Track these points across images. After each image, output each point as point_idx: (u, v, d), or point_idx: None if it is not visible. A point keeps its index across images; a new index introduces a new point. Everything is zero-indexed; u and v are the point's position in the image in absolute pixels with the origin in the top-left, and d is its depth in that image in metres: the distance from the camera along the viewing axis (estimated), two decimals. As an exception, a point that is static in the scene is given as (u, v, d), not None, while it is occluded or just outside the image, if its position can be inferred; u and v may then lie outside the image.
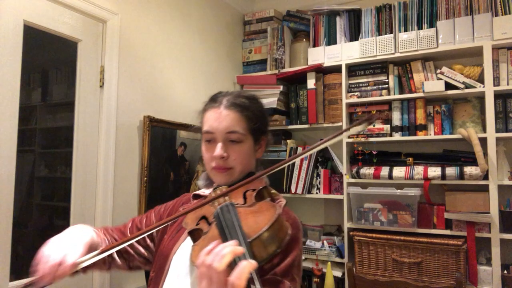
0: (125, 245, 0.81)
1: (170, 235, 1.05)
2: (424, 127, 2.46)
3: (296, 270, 0.92)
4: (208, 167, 1.04)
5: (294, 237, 0.92)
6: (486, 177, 2.25)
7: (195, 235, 0.86)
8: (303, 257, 2.61)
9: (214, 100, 1.05)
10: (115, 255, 1.07)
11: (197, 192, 1.13)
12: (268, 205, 0.83)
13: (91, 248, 0.92)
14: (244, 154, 1.01)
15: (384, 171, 2.48)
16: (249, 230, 0.73)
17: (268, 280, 0.86)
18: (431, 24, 2.49)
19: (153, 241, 1.11)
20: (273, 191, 0.97)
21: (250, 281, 0.63)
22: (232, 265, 0.65)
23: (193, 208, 0.84)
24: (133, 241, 0.83)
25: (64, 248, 0.87)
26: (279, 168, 0.86)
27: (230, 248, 0.67)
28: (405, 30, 2.54)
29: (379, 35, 2.62)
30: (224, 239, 0.73)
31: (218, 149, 0.98)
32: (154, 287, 0.99)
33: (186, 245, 0.98)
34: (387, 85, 2.57)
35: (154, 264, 1.05)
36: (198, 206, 0.85)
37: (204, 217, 0.88)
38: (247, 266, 0.64)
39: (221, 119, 1.00)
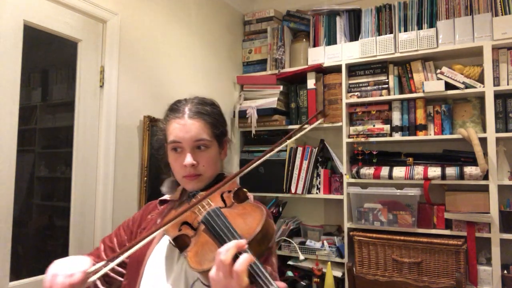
0: (126, 254, 0.86)
1: None
2: (424, 127, 2.46)
3: (274, 255, 1.00)
4: (178, 176, 1.06)
5: None
6: (486, 177, 2.25)
7: (179, 241, 0.89)
8: (303, 257, 2.62)
9: (176, 110, 1.07)
10: (98, 282, 1.07)
11: (163, 198, 1.15)
12: (253, 206, 0.88)
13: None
14: (212, 159, 1.05)
15: (384, 171, 2.48)
16: (242, 232, 0.78)
17: None
18: (431, 24, 2.49)
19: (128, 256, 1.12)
20: (244, 189, 1.02)
21: (253, 271, 0.70)
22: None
23: (176, 216, 0.87)
24: (124, 256, 0.86)
25: (72, 263, 0.90)
26: (248, 170, 0.93)
27: (234, 242, 0.73)
28: (405, 30, 2.54)
29: (379, 35, 2.62)
30: (222, 241, 0.77)
31: (188, 158, 1.01)
32: None
33: (160, 247, 1.00)
34: (387, 85, 2.57)
35: (126, 272, 1.05)
36: (181, 213, 0.87)
37: (186, 223, 0.91)
38: (247, 256, 0.70)
39: (187, 129, 1.02)
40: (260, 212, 0.83)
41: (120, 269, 1.10)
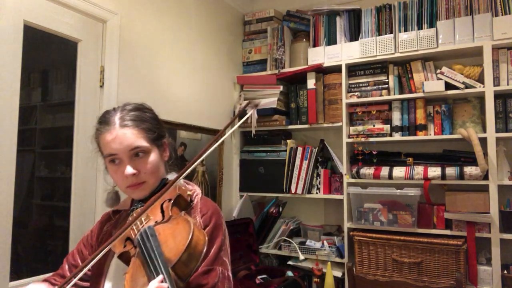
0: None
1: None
2: (424, 127, 2.46)
3: (224, 253, 0.96)
4: (122, 188, 1.03)
5: (216, 224, 0.97)
6: (486, 177, 2.25)
7: (124, 258, 0.90)
8: (303, 257, 2.62)
9: (105, 122, 1.03)
10: None
11: (115, 208, 1.14)
12: (183, 221, 0.86)
13: None
14: (153, 164, 1.02)
15: (384, 171, 2.48)
16: (170, 254, 0.80)
17: (201, 272, 0.90)
18: (431, 24, 2.49)
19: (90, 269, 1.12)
20: (188, 192, 1.01)
21: None
22: None
23: (115, 237, 0.88)
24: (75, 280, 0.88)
25: None
26: (183, 175, 0.96)
27: None
28: (405, 30, 2.54)
29: (379, 35, 2.62)
30: (148, 269, 0.79)
31: (129, 169, 0.98)
32: None
33: (117, 260, 1.00)
34: (387, 85, 2.57)
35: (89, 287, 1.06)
36: (119, 234, 0.88)
37: (128, 239, 0.92)
38: None
39: (120, 139, 0.98)
40: (188, 228, 0.82)
41: (82, 283, 1.10)
